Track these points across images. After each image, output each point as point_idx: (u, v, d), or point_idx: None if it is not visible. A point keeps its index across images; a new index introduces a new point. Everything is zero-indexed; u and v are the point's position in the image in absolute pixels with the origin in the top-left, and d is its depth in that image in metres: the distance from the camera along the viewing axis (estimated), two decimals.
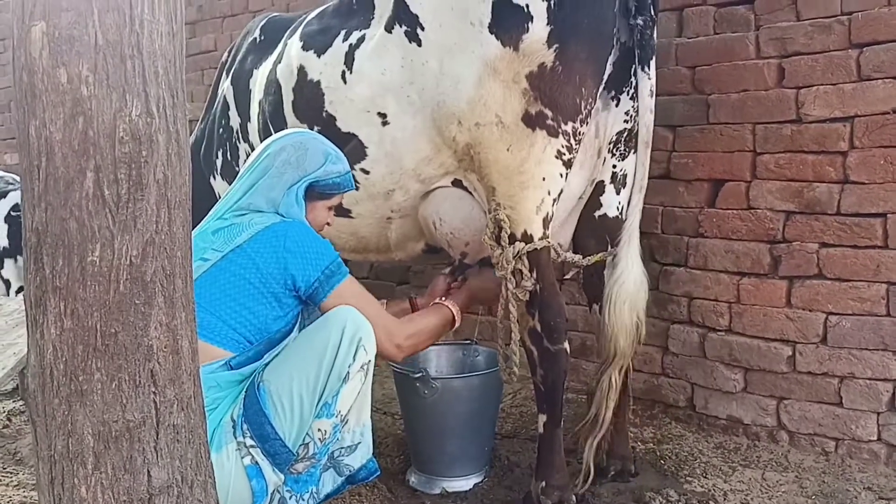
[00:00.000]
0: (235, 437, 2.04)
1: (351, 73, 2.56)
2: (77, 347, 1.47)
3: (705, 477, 2.70)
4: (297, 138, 2.36)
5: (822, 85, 2.74)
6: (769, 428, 2.93)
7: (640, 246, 2.52)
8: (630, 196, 2.53)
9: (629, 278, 2.45)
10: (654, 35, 2.36)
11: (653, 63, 2.37)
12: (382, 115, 2.51)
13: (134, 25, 1.46)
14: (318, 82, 2.64)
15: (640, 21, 2.32)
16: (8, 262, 4.19)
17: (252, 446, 2.04)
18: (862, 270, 2.70)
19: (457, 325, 2.49)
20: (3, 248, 4.16)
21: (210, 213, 2.32)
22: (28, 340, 1.54)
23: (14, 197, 4.12)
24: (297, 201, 2.29)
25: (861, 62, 2.66)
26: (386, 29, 2.49)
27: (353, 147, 2.56)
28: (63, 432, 1.49)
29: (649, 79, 2.37)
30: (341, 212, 2.70)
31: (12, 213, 4.11)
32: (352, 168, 2.56)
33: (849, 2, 2.69)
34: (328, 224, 2.43)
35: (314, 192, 2.33)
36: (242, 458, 2.03)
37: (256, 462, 2.04)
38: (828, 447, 2.80)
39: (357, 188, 2.60)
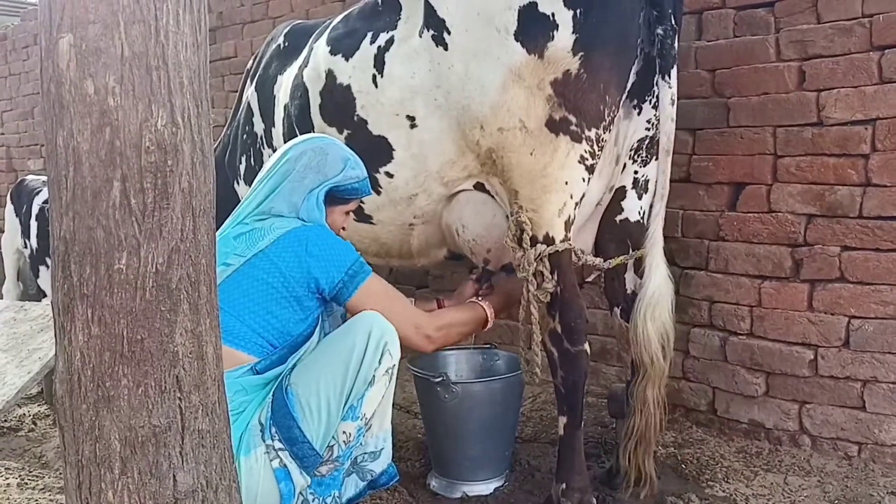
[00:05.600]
0: (264, 441, 2.06)
1: (382, 76, 2.57)
2: (104, 354, 1.49)
3: (727, 481, 2.69)
4: (316, 143, 2.38)
5: (843, 87, 2.73)
6: (791, 432, 2.92)
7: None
8: (652, 204, 2.52)
9: (650, 288, 2.43)
10: (676, 44, 2.35)
11: (674, 72, 2.36)
12: (411, 118, 2.52)
13: (159, 37, 1.48)
14: (349, 86, 2.65)
15: (660, 31, 2.32)
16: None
17: (280, 449, 2.06)
18: (884, 274, 2.69)
19: (489, 325, 2.51)
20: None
21: (230, 216, 2.34)
22: (56, 347, 1.56)
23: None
24: (317, 205, 2.31)
25: (883, 64, 2.65)
26: (416, 33, 2.51)
27: (380, 150, 2.58)
28: (90, 437, 1.51)
29: (670, 87, 2.36)
30: (363, 218, 2.72)
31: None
32: (376, 171, 2.57)
33: (870, 4, 2.68)
34: (344, 228, 2.46)
35: (333, 196, 2.35)
36: (271, 460, 2.05)
37: (285, 465, 2.06)
38: (850, 451, 2.79)
39: (379, 193, 2.62)
